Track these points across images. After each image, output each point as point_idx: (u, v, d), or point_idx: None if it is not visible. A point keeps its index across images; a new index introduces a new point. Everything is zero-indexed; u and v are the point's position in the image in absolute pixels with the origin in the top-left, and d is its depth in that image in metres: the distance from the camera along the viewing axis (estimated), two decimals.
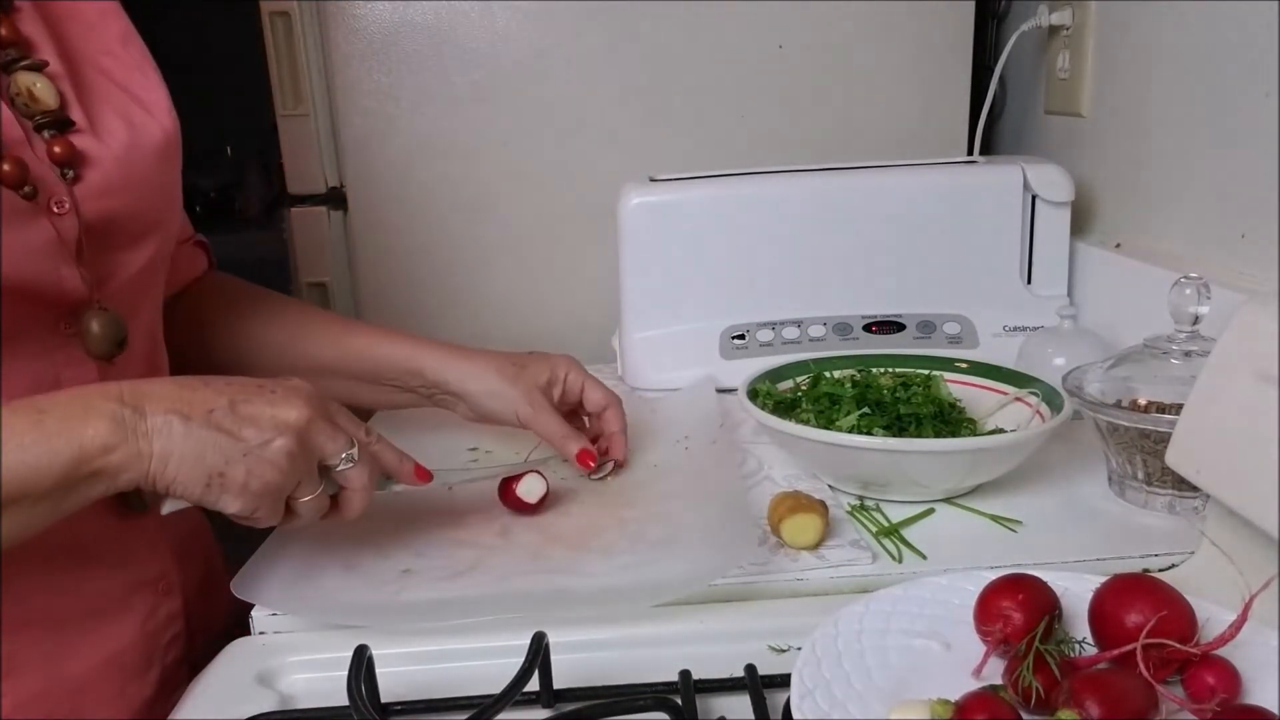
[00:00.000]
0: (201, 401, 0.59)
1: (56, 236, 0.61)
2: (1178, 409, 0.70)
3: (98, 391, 0.58)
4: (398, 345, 0.85)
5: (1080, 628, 0.57)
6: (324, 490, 0.64)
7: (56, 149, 0.62)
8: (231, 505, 0.60)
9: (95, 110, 0.66)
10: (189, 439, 0.57)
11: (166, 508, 0.61)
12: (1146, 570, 0.68)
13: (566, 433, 0.84)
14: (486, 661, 0.62)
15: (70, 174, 0.63)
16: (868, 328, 1.10)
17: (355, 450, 0.65)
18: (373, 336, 0.86)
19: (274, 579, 0.70)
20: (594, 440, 0.86)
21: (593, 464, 0.84)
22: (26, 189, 0.60)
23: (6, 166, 0.59)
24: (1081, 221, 1.15)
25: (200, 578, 0.77)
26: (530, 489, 0.78)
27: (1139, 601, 0.54)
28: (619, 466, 0.87)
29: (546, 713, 0.59)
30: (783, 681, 0.55)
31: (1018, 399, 0.88)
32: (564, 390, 0.87)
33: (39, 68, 0.63)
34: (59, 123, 0.63)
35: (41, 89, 0.63)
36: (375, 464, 0.67)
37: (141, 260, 0.69)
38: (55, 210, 0.62)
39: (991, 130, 1.39)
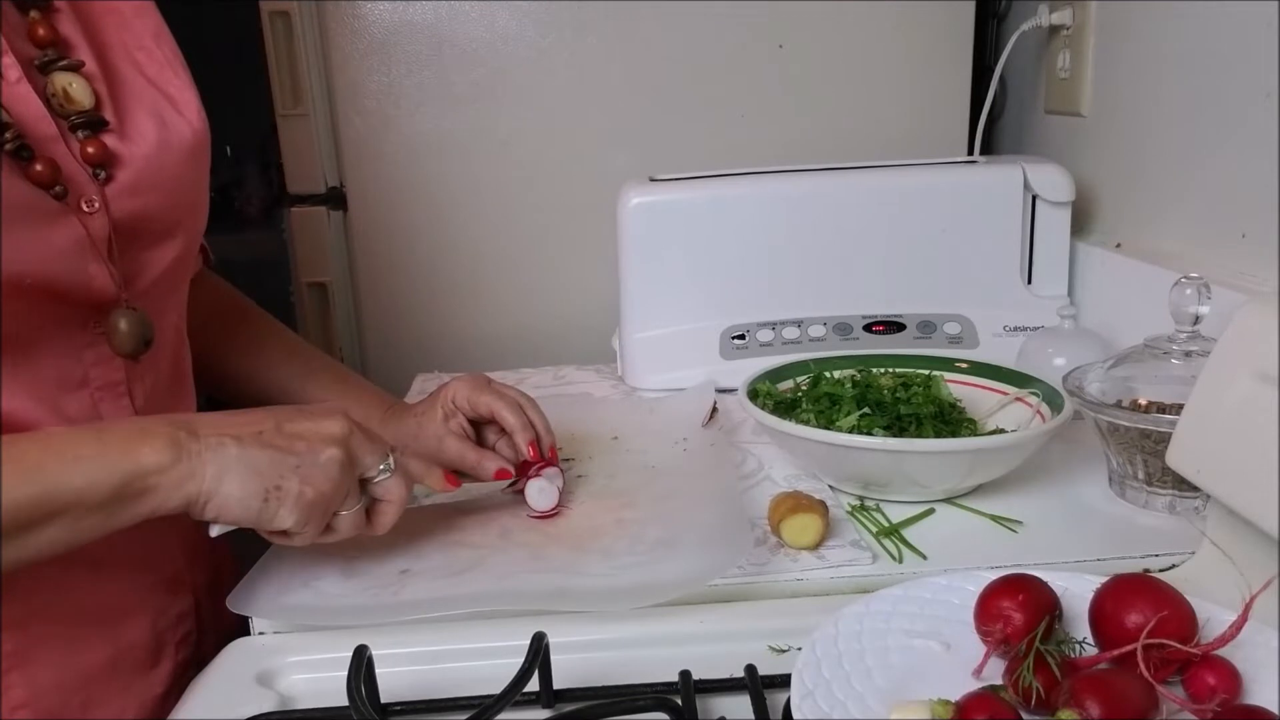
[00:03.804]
0: (249, 424, 0.62)
1: (86, 235, 0.62)
2: (1178, 409, 0.70)
3: (153, 419, 0.61)
4: (340, 401, 0.85)
5: (1080, 628, 0.57)
6: (362, 505, 0.66)
7: (90, 149, 0.63)
8: (287, 519, 0.61)
9: (128, 109, 0.67)
10: (243, 458, 0.60)
11: (215, 530, 0.63)
12: (1147, 570, 0.68)
13: (478, 456, 0.80)
14: (486, 661, 0.62)
15: (102, 174, 0.64)
16: (868, 328, 1.10)
17: (391, 460, 0.66)
18: (323, 391, 0.86)
19: (271, 590, 0.70)
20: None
21: (511, 475, 0.80)
22: (57, 189, 0.61)
23: (39, 167, 0.60)
24: (1081, 221, 1.15)
25: (210, 578, 0.78)
26: (538, 500, 0.79)
27: (1139, 602, 0.54)
28: (549, 466, 0.81)
29: (546, 713, 0.59)
30: (783, 682, 0.55)
31: (1018, 399, 0.88)
32: (472, 413, 0.82)
33: (76, 68, 0.64)
34: (93, 123, 0.64)
35: (77, 89, 0.63)
36: (407, 476, 0.68)
37: (169, 258, 0.70)
38: (85, 209, 0.62)
39: (991, 130, 1.39)
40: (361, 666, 0.56)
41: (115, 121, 0.65)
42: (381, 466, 0.66)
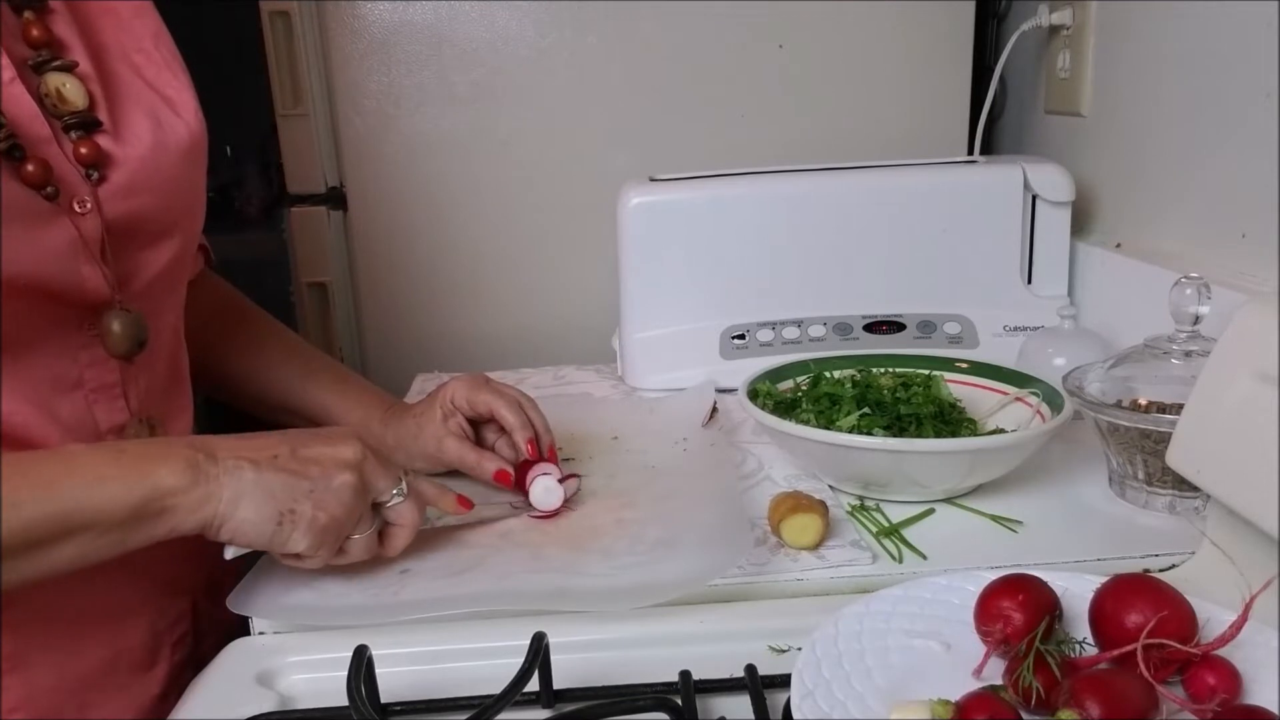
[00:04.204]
0: (265, 448, 0.62)
1: (78, 236, 0.62)
2: (1178, 409, 0.70)
3: (173, 440, 0.62)
4: (340, 403, 0.86)
5: (1080, 628, 0.57)
6: (375, 528, 0.67)
7: (83, 150, 0.63)
8: (300, 543, 0.62)
9: (123, 110, 0.67)
10: (259, 483, 0.60)
11: (230, 553, 0.63)
12: (1147, 570, 0.68)
13: (478, 457, 0.81)
14: (486, 661, 0.62)
15: (95, 175, 0.64)
16: (868, 328, 1.10)
17: (405, 485, 0.67)
18: (323, 392, 0.87)
19: (271, 590, 0.70)
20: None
21: (510, 483, 0.80)
22: (49, 189, 0.61)
23: (31, 167, 0.60)
24: (1081, 221, 1.15)
25: (208, 579, 0.78)
26: (543, 500, 0.79)
27: (1139, 601, 0.54)
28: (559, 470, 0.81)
29: (546, 713, 0.59)
30: (783, 682, 0.55)
31: (1018, 399, 0.88)
32: (471, 412, 0.83)
33: (69, 68, 0.64)
34: (86, 123, 0.64)
35: (70, 90, 0.63)
36: (420, 500, 0.69)
37: (164, 259, 0.70)
38: (78, 210, 0.62)
39: (991, 130, 1.39)
40: (361, 666, 0.56)
41: (110, 123, 0.65)
42: (395, 491, 0.67)
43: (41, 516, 0.54)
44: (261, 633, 0.69)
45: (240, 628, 0.69)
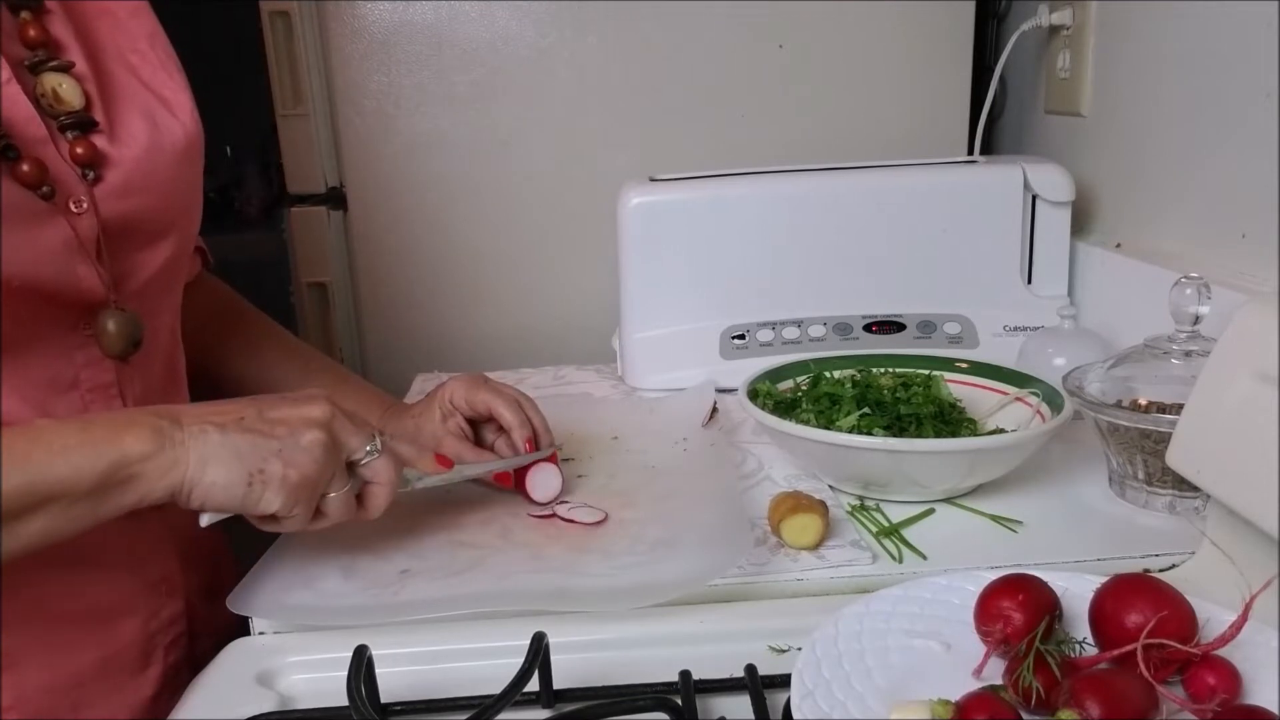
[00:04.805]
0: (231, 411, 0.62)
1: (74, 236, 0.62)
2: (1178, 409, 0.70)
3: (138, 410, 0.62)
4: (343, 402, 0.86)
5: (1080, 628, 0.57)
6: (351, 488, 0.66)
7: (79, 150, 0.63)
8: (273, 503, 0.61)
9: (119, 110, 0.67)
10: (225, 445, 0.60)
11: (205, 519, 0.63)
12: (1147, 570, 0.68)
13: (477, 457, 0.81)
14: (486, 661, 0.62)
15: (91, 174, 0.64)
16: (868, 328, 1.10)
17: (378, 442, 0.66)
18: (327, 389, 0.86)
19: (271, 590, 0.70)
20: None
21: (510, 483, 0.81)
22: (45, 189, 0.61)
23: (26, 167, 0.60)
24: (1081, 221, 1.15)
25: (206, 581, 0.78)
26: (540, 491, 0.80)
27: (1139, 601, 0.54)
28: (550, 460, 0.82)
29: (546, 713, 0.59)
30: (783, 682, 0.55)
31: (1018, 399, 0.88)
32: (470, 412, 0.83)
33: (65, 68, 0.64)
34: (82, 123, 0.64)
35: (66, 90, 0.64)
36: (396, 457, 0.68)
37: (160, 259, 0.70)
38: (74, 209, 0.63)
39: (991, 130, 1.39)
40: (361, 666, 0.56)
41: (105, 123, 0.65)
42: (368, 448, 0.66)
43: (11, 489, 0.54)
44: (261, 633, 0.69)
45: (238, 629, 0.69)
